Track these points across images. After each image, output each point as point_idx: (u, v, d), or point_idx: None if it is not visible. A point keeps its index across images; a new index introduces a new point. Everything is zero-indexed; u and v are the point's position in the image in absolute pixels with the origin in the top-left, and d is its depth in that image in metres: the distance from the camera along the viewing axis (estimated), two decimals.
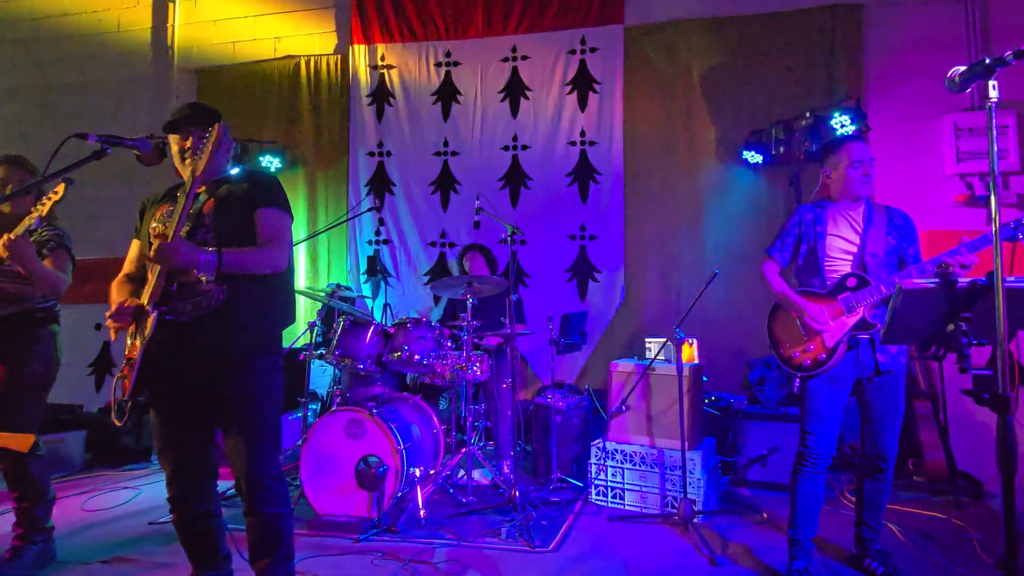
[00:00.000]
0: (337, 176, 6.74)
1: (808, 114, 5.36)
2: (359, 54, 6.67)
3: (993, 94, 1.84)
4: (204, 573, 2.66)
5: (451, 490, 4.27)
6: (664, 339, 4.29)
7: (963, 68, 1.94)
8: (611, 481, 4.26)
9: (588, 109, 6.15)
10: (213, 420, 2.58)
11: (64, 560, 3.41)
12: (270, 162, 6.46)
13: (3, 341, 3.26)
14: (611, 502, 4.24)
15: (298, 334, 5.03)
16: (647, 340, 4.65)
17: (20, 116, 7.34)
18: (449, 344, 4.42)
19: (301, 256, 6.70)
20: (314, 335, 4.59)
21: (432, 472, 4.29)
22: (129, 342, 2.46)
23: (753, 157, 5.60)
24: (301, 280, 6.62)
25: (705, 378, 4.70)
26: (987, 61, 1.85)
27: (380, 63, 6.63)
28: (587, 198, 6.12)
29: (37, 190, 3.20)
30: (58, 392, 3.59)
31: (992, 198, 1.84)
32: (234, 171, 2.73)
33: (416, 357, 4.19)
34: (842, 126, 5.24)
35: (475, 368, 4.34)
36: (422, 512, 3.86)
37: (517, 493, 4.00)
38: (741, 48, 5.87)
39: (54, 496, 3.43)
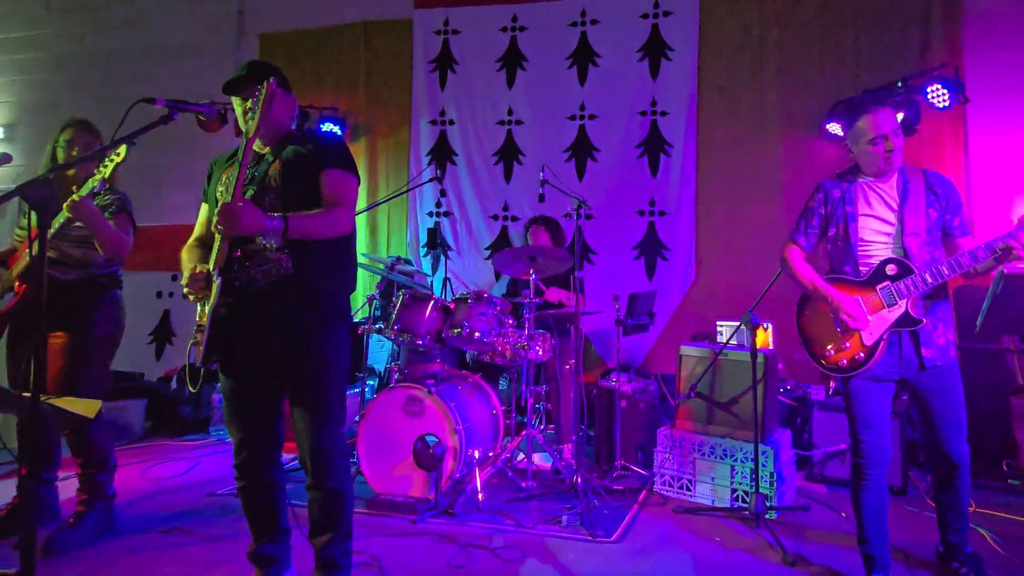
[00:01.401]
0: (398, 145, 6.62)
1: (899, 83, 4.98)
2: (423, 18, 6.49)
3: None
4: (264, 545, 2.63)
5: (510, 474, 4.13)
6: (737, 323, 4.09)
7: None
8: (678, 471, 4.08)
9: (660, 77, 5.85)
10: (282, 390, 2.56)
11: (124, 528, 3.43)
12: (330, 129, 6.37)
13: (68, 307, 3.26)
14: (677, 493, 4.06)
15: (356, 307, 4.96)
16: (719, 323, 4.47)
17: (86, 81, 7.39)
18: (510, 321, 4.27)
19: (360, 227, 6.62)
20: (372, 309, 4.50)
21: (491, 454, 4.18)
22: (200, 308, 2.44)
23: (837, 129, 5.25)
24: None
25: (780, 366, 4.46)
26: None
27: (444, 27, 6.44)
28: (657, 171, 5.85)
29: (101, 155, 3.18)
30: (119, 360, 3.62)
31: None
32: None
33: (476, 334, 4.05)
34: (936, 97, 4.88)
35: (537, 348, 4.18)
36: (480, 495, 3.76)
37: (579, 480, 3.85)
38: (826, 10, 5.51)
39: (116, 464, 3.47)
